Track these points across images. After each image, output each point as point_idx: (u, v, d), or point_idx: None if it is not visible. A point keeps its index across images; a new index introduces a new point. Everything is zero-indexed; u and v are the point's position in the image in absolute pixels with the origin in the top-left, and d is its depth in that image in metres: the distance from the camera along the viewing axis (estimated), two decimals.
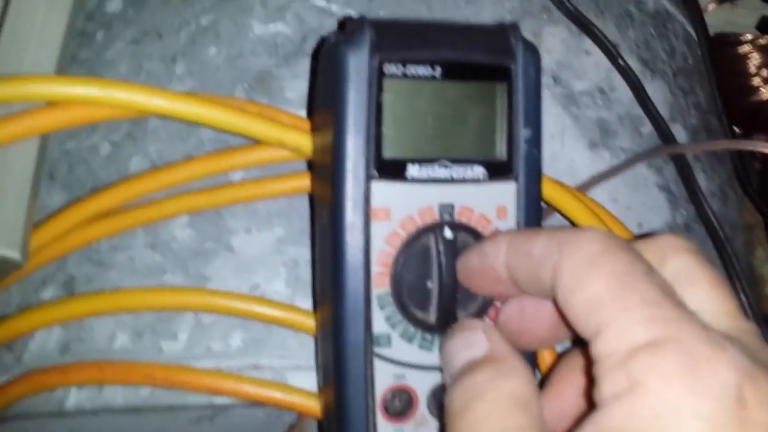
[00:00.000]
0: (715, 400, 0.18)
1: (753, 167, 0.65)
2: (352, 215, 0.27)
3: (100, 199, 0.33)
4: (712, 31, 0.63)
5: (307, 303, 0.34)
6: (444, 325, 0.27)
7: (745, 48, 0.61)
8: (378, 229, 0.27)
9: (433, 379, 0.28)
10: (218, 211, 0.35)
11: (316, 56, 0.36)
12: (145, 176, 0.33)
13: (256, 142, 0.33)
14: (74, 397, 0.33)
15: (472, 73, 0.28)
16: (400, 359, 0.27)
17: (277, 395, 0.30)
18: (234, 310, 0.31)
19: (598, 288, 0.20)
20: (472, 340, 0.25)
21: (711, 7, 0.65)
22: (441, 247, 0.27)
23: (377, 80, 0.27)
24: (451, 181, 0.28)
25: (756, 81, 0.61)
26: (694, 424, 0.18)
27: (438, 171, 0.28)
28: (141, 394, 0.32)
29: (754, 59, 0.61)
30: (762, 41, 0.61)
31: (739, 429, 0.18)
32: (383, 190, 0.27)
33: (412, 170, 0.27)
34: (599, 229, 0.22)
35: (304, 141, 0.31)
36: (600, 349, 0.20)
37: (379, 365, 0.27)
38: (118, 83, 0.29)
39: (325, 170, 0.28)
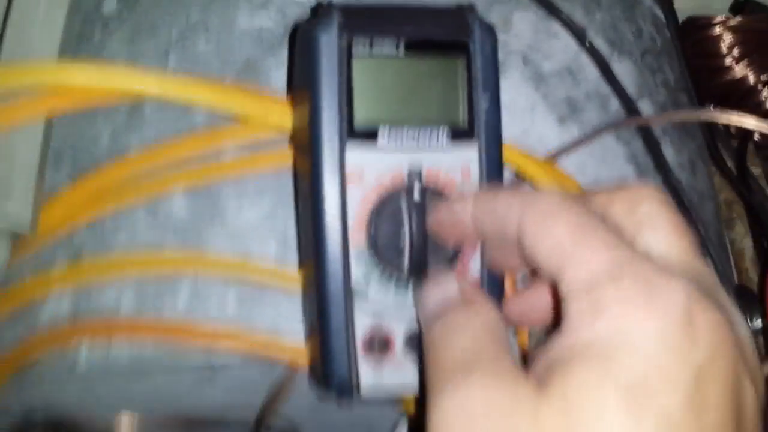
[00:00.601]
0: (667, 319, 0.21)
1: (729, 144, 0.68)
2: (329, 179, 0.30)
3: (102, 177, 0.35)
4: (685, 15, 0.66)
5: (295, 266, 0.36)
6: (416, 274, 0.30)
7: (717, 29, 0.64)
8: (353, 192, 0.30)
9: (407, 322, 0.31)
10: (211, 189, 0.38)
11: (292, 42, 0.39)
12: (143, 154, 0.36)
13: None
14: (84, 359, 0.36)
15: (433, 49, 0.31)
16: (377, 307, 0.30)
17: (269, 349, 0.33)
18: (228, 272, 0.34)
19: (560, 234, 0.23)
20: (445, 288, 0.28)
21: None
22: (411, 207, 0.30)
23: (346, 57, 0.30)
24: (418, 146, 0.31)
25: (728, 61, 0.64)
26: (649, 339, 0.21)
27: (406, 137, 0.31)
28: (145, 354, 0.35)
29: (726, 39, 0.64)
30: (733, 22, 0.64)
31: (689, 346, 0.21)
32: (357, 156, 0.30)
33: (383, 138, 0.30)
34: (555, 188, 0.25)
35: (286, 117, 0.34)
36: (566, 285, 0.23)
37: (358, 312, 0.30)
38: (116, 69, 0.32)
39: (304, 141, 0.31)
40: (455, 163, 0.31)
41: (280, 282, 0.34)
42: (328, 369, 0.31)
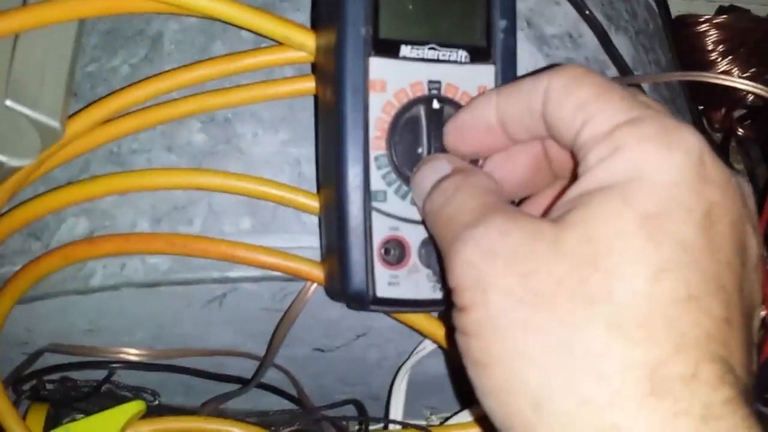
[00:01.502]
0: (683, 155, 0.23)
1: (713, 140, 0.71)
2: (352, 86, 0.31)
3: (119, 99, 0.36)
4: (674, 15, 0.69)
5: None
6: None
7: (703, 26, 0.67)
8: (375, 99, 0.31)
9: (423, 232, 0.32)
10: (228, 118, 0.39)
11: None
12: (160, 77, 0.37)
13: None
14: (99, 275, 0.36)
15: None
16: (395, 213, 0.32)
17: (285, 262, 0.34)
18: (244, 189, 0.35)
19: (584, 94, 0.25)
20: (437, 166, 0.29)
21: None
22: (429, 116, 0.32)
23: None
24: (438, 61, 0.32)
25: (714, 56, 0.67)
26: (665, 174, 0.23)
27: (427, 52, 0.32)
28: (160, 268, 0.36)
29: (712, 36, 0.67)
30: (718, 20, 0.67)
31: (701, 183, 0.23)
32: (380, 66, 0.32)
33: (405, 50, 0.32)
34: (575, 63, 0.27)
35: (308, 39, 0.35)
36: (586, 134, 0.24)
37: (376, 218, 0.31)
38: None
39: (329, 54, 0.32)
40: (473, 81, 0.33)
41: (295, 198, 0.35)
42: (346, 276, 0.31)
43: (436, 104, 0.32)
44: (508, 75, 0.33)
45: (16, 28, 0.32)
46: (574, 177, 0.25)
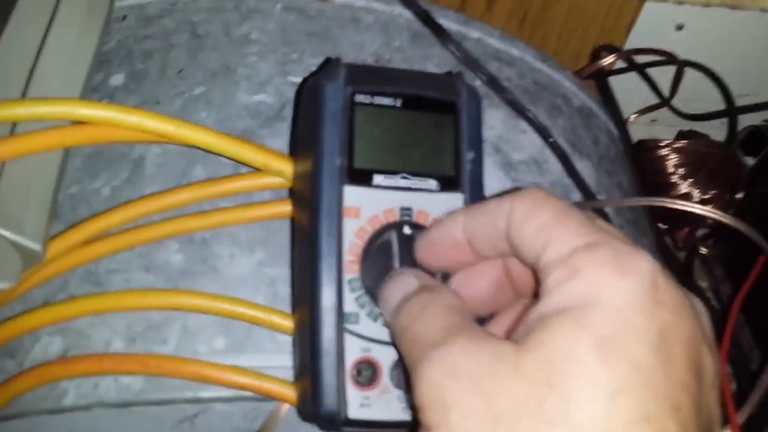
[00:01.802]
0: (635, 280, 0.24)
1: (677, 259, 0.73)
2: (327, 212, 0.33)
3: (99, 222, 0.37)
4: (633, 140, 0.72)
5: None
6: None
7: (664, 151, 0.70)
8: (349, 225, 0.33)
9: (395, 353, 0.32)
10: (205, 239, 0.40)
11: (298, 98, 0.43)
12: (141, 201, 0.38)
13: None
14: (72, 394, 0.36)
15: (426, 105, 0.35)
16: (367, 335, 0.32)
17: (258, 382, 0.34)
18: (219, 310, 0.36)
19: (544, 217, 0.27)
20: (404, 281, 0.31)
21: (633, 118, 0.75)
22: (401, 241, 0.33)
23: (350, 106, 0.34)
24: (410, 189, 0.34)
25: (674, 179, 0.70)
26: (619, 297, 0.24)
27: (399, 181, 0.34)
28: (132, 388, 0.36)
29: (672, 160, 0.70)
30: (678, 144, 0.70)
31: (654, 306, 0.24)
32: (354, 193, 0.33)
33: (378, 179, 0.34)
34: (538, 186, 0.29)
35: (285, 167, 0.37)
36: (547, 257, 0.26)
37: (349, 339, 0.32)
38: (131, 109, 0.35)
39: (306, 181, 0.34)
40: (442, 208, 0.34)
41: (269, 318, 0.36)
42: (318, 397, 0.32)
43: (407, 230, 0.33)
44: (475, 202, 0.35)
45: (2, 157, 0.33)
46: (536, 296, 0.26)
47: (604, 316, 0.24)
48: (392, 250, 0.33)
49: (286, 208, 0.38)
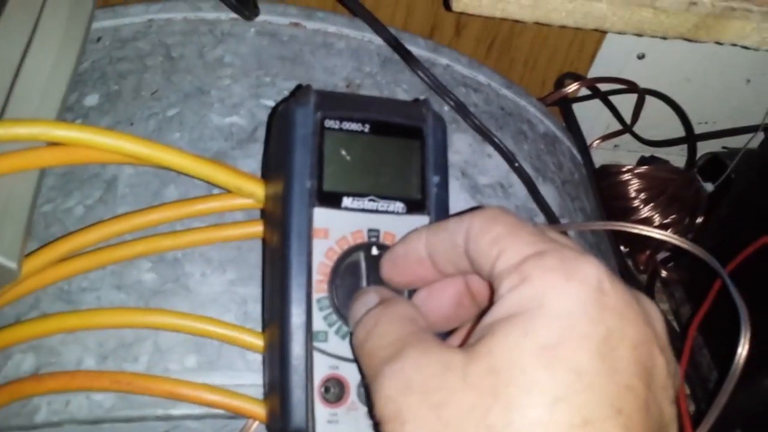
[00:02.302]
0: (580, 284, 0.25)
1: (639, 281, 0.75)
2: (297, 232, 0.34)
3: (73, 240, 0.38)
4: (597, 164, 0.74)
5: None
6: None
7: (626, 176, 0.72)
8: (318, 246, 0.34)
9: None
10: (177, 258, 0.41)
11: (270, 124, 0.44)
12: (114, 220, 0.39)
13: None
14: (44, 411, 0.37)
15: (393, 131, 0.36)
16: (335, 353, 0.33)
17: (228, 400, 0.35)
18: (190, 328, 0.36)
19: (498, 230, 0.28)
20: (365, 299, 0.32)
21: (596, 143, 0.77)
22: (369, 261, 0.34)
23: (319, 131, 0.35)
24: (377, 211, 0.35)
25: (635, 202, 0.72)
26: (563, 304, 0.25)
27: (367, 203, 0.35)
28: (104, 405, 0.37)
29: (634, 184, 0.72)
30: (639, 170, 0.72)
31: (599, 311, 0.25)
32: (323, 215, 0.34)
33: (347, 201, 0.35)
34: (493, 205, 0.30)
35: (257, 189, 0.38)
36: (500, 266, 0.27)
37: (317, 357, 0.33)
38: (106, 131, 0.36)
39: (277, 202, 0.35)
40: (408, 230, 0.35)
41: (240, 337, 0.37)
42: (286, 413, 0.33)
43: (375, 251, 0.34)
44: None
45: None
46: (491, 305, 0.27)
47: (548, 323, 0.25)
48: (360, 270, 0.34)
49: (258, 228, 0.39)
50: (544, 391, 0.24)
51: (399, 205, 0.36)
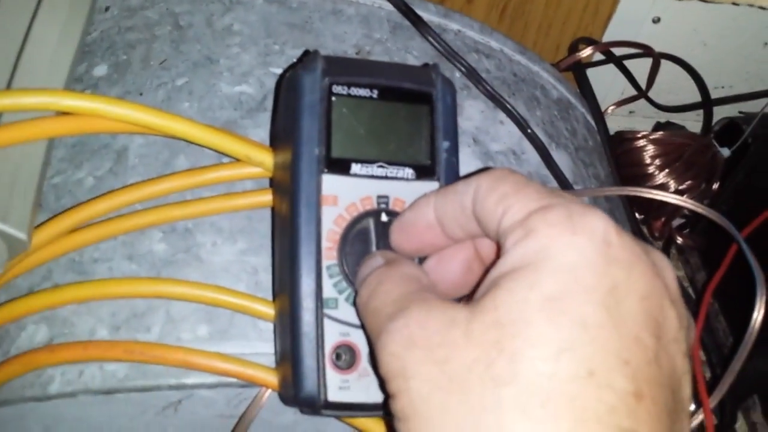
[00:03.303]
0: (586, 237, 0.25)
1: (653, 245, 0.74)
2: (306, 200, 0.33)
3: (83, 211, 0.38)
4: (613, 131, 0.73)
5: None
6: None
7: (641, 142, 0.71)
8: (327, 213, 0.34)
9: None
10: (188, 228, 0.41)
11: (278, 90, 0.44)
12: (124, 190, 0.39)
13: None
14: (57, 382, 0.37)
15: (402, 96, 0.36)
16: (345, 319, 0.33)
17: (240, 369, 0.35)
18: (201, 298, 0.36)
19: (505, 188, 0.28)
20: (371, 262, 0.32)
21: (611, 109, 0.76)
22: (378, 228, 0.34)
23: (327, 96, 0.35)
24: (386, 178, 0.35)
25: (651, 169, 0.71)
26: (569, 256, 0.25)
27: (376, 170, 0.35)
28: (117, 375, 0.37)
29: (649, 150, 0.71)
30: (654, 135, 0.71)
31: (605, 263, 0.25)
32: (332, 182, 0.34)
33: (355, 168, 0.35)
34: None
35: (266, 157, 0.37)
36: (505, 222, 0.27)
37: (328, 324, 0.33)
38: (115, 100, 0.35)
39: (285, 171, 0.35)
40: (418, 196, 0.35)
41: (251, 306, 0.37)
42: (298, 380, 0.33)
43: (384, 217, 0.34)
44: None
45: None
46: (497, 260, 0.27)
47: (553, 275, 0.24)
48: (370, 236, 0.34)
49: (267, 197, 0.39)
50: (550, 343, 0.24)
51: (408, 171, 0.35)
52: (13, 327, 0.39)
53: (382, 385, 0.27)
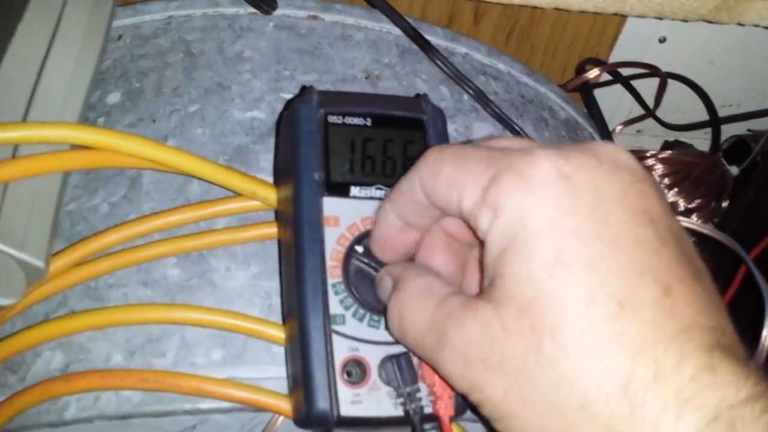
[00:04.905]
0: (543, 185, 0.25)
1: None
2: (309, 221, 0.35)
3: (99, 241, 0.39)
4: None
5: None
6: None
7: (650, 161, 0.71)
8: (330, 233, 0.35)
9: (382, 351, 0.34)
10: (202, 253, 0.41)
11: (278, 126, 0.45)
12: (137, 221, 0.39)
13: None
14: (73, 408, 0.37)
15: (394, 123, 0.38)
16: (353, 335, 0.34)
17: (254, 396, 0.36)
18: (215, 323, 0.37)
19: (447, 171, 0.28)
20: (382, 287, 0.33)
21: (619, 129, 0.76)
22: None
23: (324, 126, 0.37)
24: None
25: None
26: (540, 210, 0.25)
27: (374, 191, 0.37)
28: (132, 401, 0.37)
29: (658, 170, 0.71)
30: (663, 155, 0.72)
31: (571, 196, 0.25)
32: (333, 204, 0.36)
33: (354, 190, 0.36)
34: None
35: (270, 193, 0.39)
36: (466, 206, 0.27)
37: (336, 340, 0.34)
38: (127, 135, 0.36)
39: (288, 202, 0.36)
40: None
41: (264, 331, 0.37)
42: (310, 397, 0.33)
43: None
44: None
45: (5, 178, 0.34)
46: (479, 242, 0.27)
47: (539, 239, 0.25)
48: (372, 253, 0.35)
49: (275, 230, 0.40)
50: (573, 301, 0.24)
51: None
52: (30, 353, 0.39)
53: (464, 397, 0.28)
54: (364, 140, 0.37)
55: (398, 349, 0.34)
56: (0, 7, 0.39)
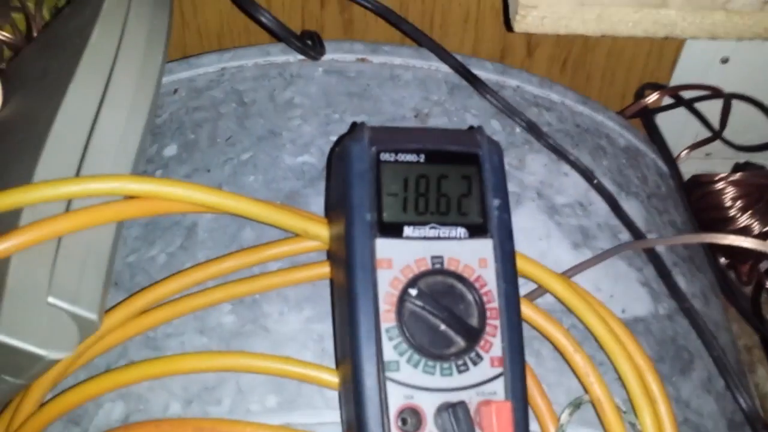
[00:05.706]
0: None
1: (742, 291, 0.71)
2: (361, 264, 0.34)
3: (153, 292, 0.39)
4: (689, 175, 0.71)
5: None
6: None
7: (720, 184, 0.69)
8: (383, 276, 0.34)
9: (438, 398, 0.33)
10: (256, 299, 0.41)
11: (329, 164, 0.45)
12: (192, 270, 0.40)
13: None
14: None
15: (448, 158, 0.37)
16: (408, 382, 0.33)
17: None
18: (269, 369, 0.37)
19: None
20: None
21: (685, 153, 0.74)
22: (436, 288, 0.34)
23: (376, 164, 0.36)
24: (439, 238, 0.35)
25: (732, 211, 0.68)
26: None
27: (428, 231, 0.35)
28: None
29: (729, 193, 0.68)
30: (734, 177, 0.69)
31: None
32: (385, 246, 0.35)
33: (408, 230, 0.35)
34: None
35: (322, 230, 0.39)
36: None
37: (390, 387, 0.33)
38: (178, 182, 0.37)
39: (340, 240, 0.35)
40: (473, 254, 0.35)
41: (318, 376, 0.37)
42: None
43: (439, 278, 0.34)
44: (505, 246, 0.36)
45: (59, 232, 0.35)
46: None
47: None
48: (427, 297, 0.34)
49: (327, 269, 0.40)
50: None
51: (461, 231, 0.35)
52: (91, 405, 0.40)
53: None
54: (418, 177, 0.36)
55: (454, 396, 0.33)
56: (52, 66, 0.40)
